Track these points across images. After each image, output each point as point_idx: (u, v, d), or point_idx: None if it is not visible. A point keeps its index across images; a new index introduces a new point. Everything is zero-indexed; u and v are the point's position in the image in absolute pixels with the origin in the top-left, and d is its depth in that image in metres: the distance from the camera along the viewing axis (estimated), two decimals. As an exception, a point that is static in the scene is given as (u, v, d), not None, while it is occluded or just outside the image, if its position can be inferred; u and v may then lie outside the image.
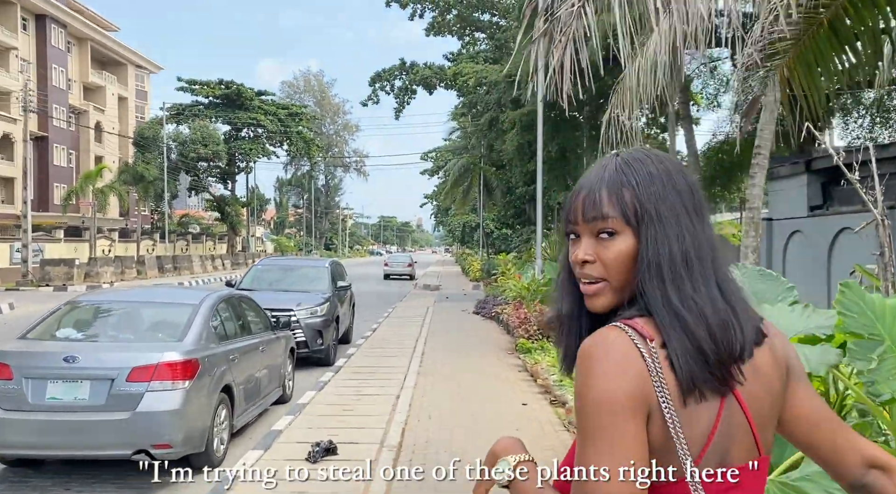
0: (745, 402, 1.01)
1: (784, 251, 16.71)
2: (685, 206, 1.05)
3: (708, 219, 1.08)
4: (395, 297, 22.75)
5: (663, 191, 1.04)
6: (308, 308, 9.94)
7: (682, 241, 1.02)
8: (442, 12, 36.04)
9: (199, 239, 57.74)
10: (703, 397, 0.97)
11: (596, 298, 1.06)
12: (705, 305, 1.00)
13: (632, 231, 1.04)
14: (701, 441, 0.98)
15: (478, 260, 36.48)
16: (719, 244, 1.08)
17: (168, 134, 50.60)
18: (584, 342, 1.00)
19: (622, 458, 0.93)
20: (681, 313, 0.99)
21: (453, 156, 46.58)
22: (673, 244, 1.02)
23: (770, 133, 11.74)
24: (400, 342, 11.48)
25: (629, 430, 0.94)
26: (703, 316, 0.99)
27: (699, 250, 1.03)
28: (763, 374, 1.05)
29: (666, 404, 0.95)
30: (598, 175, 1.08)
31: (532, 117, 20.32)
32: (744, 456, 1.02)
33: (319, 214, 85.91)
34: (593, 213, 1.05)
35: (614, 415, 0.94)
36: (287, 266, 11.49)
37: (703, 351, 0.97)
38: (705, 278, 1.02)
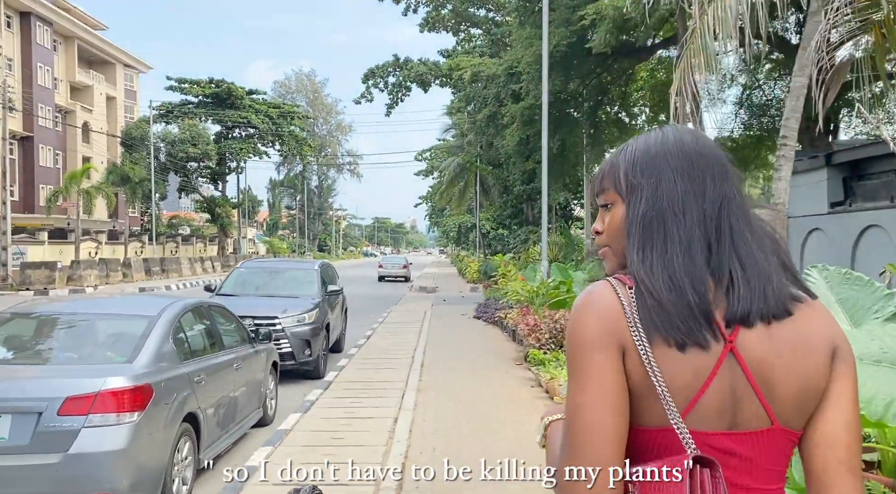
0: (747, 366, 1.03)
1: (802, 250, 15.80)
2: (674, 171, 1.09)
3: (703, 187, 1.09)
4: (390, 300, 21.79)
5: (653, 161, 1.11)
6: (295, 315, 8.98)
7: (657, 205, 1.08)
8: (436, 7, 35.07)
9: (189, 240, 56.59)
10: (680, 345, 1.01)
11: (606, 262, 1.18)
12: (661, 263, 1.05)
13: (622, 202, 1.13)
14: (688, 392, 1.01)
15: (475, 262, 35.52)
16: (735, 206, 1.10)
17: (156, 133, 49.47)
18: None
19: (595, 389, 0.99)
20: (638, 269, 1.06)
21: (448, 155, 45.66)
22: (644, 206, 1.09)
23: (796, 122, 10.80)
24: (396, 351, 10.52)
25: (597, 362, 1.00)
26: (655, 273, 1.04)
27: (679, 213, 1.07)
28: (785, 347, 1.04)
29: (639, 340, 1.01)
30: (608, 157, 1.21)
31: (533, 111, 19.40)
32: (752, 423, 1.03)
33: (312, 215, 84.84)
34: (597, 189, 1.19)
35: (584, 351, 1.02)
36: (272, 269, 10.50)
37: (661, 302, 1.02)
38: (678, 241, 1.06)
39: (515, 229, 39.51)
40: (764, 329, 1.04)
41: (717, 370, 1.01)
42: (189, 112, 49.80)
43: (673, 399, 1.00)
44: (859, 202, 13.51)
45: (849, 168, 13.86)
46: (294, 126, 53.98)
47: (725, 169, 1.12)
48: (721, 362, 1.02)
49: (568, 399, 1.02)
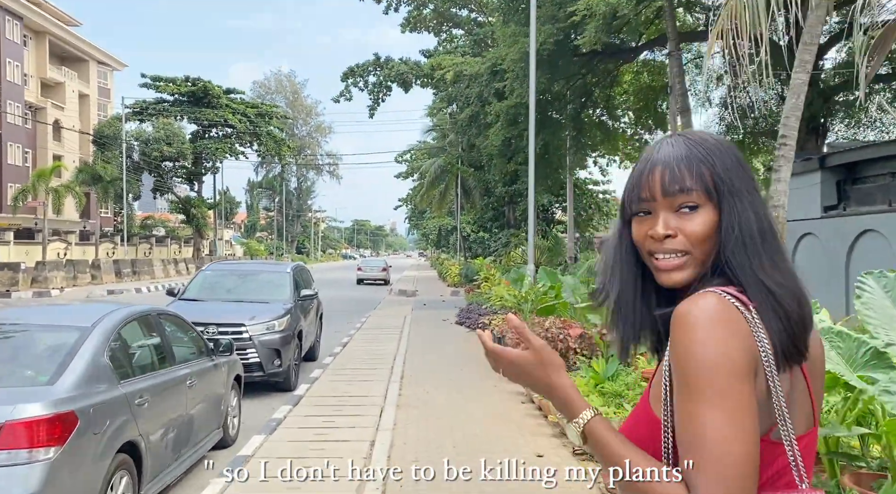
0: (807, 373, 1.05)
1: (793, 255, 15.36)
2: (752, 181, 1.08)
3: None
4: (369, 304, 21.06)
5: (734, 166, 1.07)
6: (263, 322, 8.25)
7: (759, 213, 1.05)
8: (418, 6, 34.45)
9: (163, 242, 55.27)
10: (790, 364, 1.01)
11: (677, 272, 1.07)
12: (787, 278, 1.03)
13: (712, 204, 1.05)
14: (777, 402, 1.00)
15: (456, 265, 34.89)
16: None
17: (130, 132, 48.19)
18: (680, 307, 1.00)
19: (744, 420, 0.94)
20: (769, 285, 1.01)
21: (429, 157, 45.01)
22: (751, 216, 1.04)
23: (796, 120, 10.27)
24: (374, 360, 9.82)
25: (746, 392, 0.95)
26: (787, 289, 1.02)
27: (771, 224, 1.06)
28: (816, 348, 1.08)
29: (769, 366, 0.98)
30: (670, 152, 1.09)
31: (518, 110, 18.82)
32: (804, 424, 1.04)
33: (291, 217, 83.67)
34: (675, 187, 1.06)
35: (733, 378, 0.94)
36: (241, 271, 9.73)
37: (791, 323, 1.00)
38: (781, 251, 1.06)
39: (496, 232, 38.93)
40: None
41: (792, 379, 1.02)
42: (164, 110, 48.57)
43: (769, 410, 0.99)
44: (854, 206, 13.09)
45: (843, 171, 13.43)
46: (272, 126, 52.95)
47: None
48: (792, 373, 1.02)
49: (707, 428, 0.94)
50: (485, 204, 38.89)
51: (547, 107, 21.14)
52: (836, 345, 3.60)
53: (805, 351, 1.01)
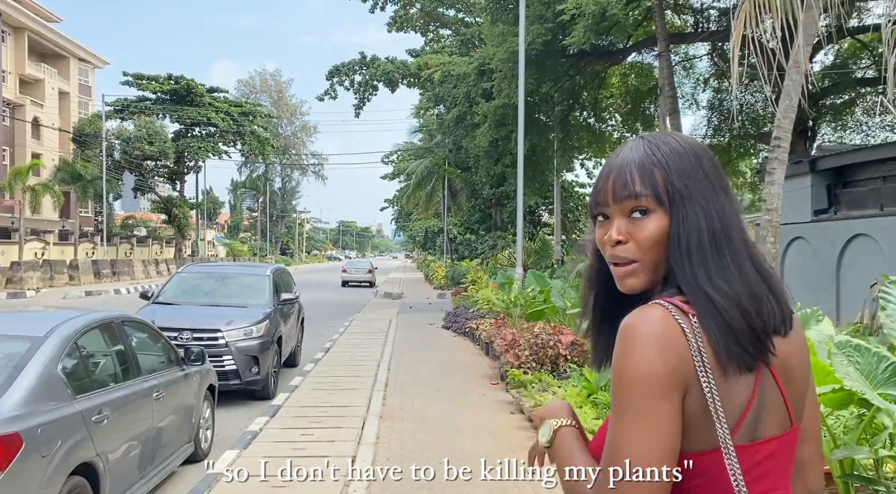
0: (778, 376, 1.04)
1: (782, 259, 15.19)
2: (713, 184, 1.05)
3: (734, 198, 1.07)
4: (353, 307, 20.68)
5: (692, 170, 1.05)
6: (241, 327, 7.88)
7: (712, 219, 1.03)
8: (405, 5, 34.12)
9: (144, 242, 54.42)
10: (740, 370, 0.99)
11: (628, 279, 1.07)
12: (734, 281, 1.01)
13: (663, 210, 1.04)
14: (738, 413, 0.99)
15: (442, 267, 34.57)
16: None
17: (111, 130, 47.40)
18: (625, 319, 1.00)
19: (657, 435, 0.94)
20: (708, 290, 0.99)
21: (415, 158, 44.65)
22: (702, 221, 1.02)
23: (790, 122, 10.06)
24: (357, 367, 9.47)
25: (664, 408, 0.94)
26: (731, 293, 0.99)
27: (729, 227, 1.03)
28: (796, 352, 1.07)
29: (706, 378, 0.96)
30: (626, 156, 1.08)
31: (506, 111, 18.55)
32: (777, 428, 1.03)
33: (275, 218, 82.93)
34: (625, 193, 1.05)
35: (650, 393, 0.94)
36: (219, 274, 9.33)
37: (733, 328, 0.98)
38: (736, 254, 1.02)
39: (483, 234, 38.65)
40: (783, 337, 1.04)
41: (758, 384, 1.01)
42: (146, 109, 47.82)
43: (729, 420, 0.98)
44: (845, 210, 12.95)
45: (834, 174, 13.29)
46: (256, 125, 52.34)
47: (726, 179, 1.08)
48: (759, 377, 1.01)
49: (620, 441, 0.95)
50: (472, 205, 38.64)
51: (534, 108, 20.91)
52: (855, 360, 3.34)
53: (763, 352, 1.00)
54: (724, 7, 21.04)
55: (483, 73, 19.86)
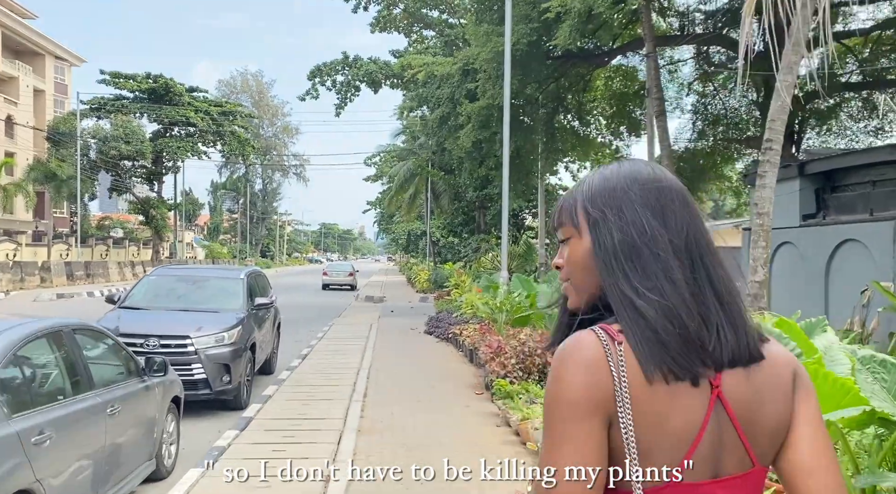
0: (732, 410, 1.00)
1: (770, 266, 15.00)
2: (634, 203, 1.06)
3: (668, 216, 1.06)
4: (333, 311, 20.23)
5: (612, 193, 1.07)
6: (212, 334, 7.45)
7: (624, 233, 1.04)
8: (388, 5, 33.76)
9: (121, 244, 53.44)
10: (668, 381, 0.97)
11: (569, 297, 1.13)
12: (659, 288, 1.00)
13: (586, 234, 1.09)
14: (682, 445, 0.97)
15: (425, 270, 34.19)
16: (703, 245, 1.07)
17: (87, 129, 46.45)
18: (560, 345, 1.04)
19: (572, 459, 0.95)
20: (630, 295, 1.00)
21: (398, 161, 44.25)
22: (613, 238, 1.04)
23: (782, 124, 9.83)
24: (336, 375, 9.07)
25: (581, 432, 0.96)
26: (654, 298, 0.99)
27: (651, 243, 1.03)
28: (761, 387, 1.03)
29: (623, 409, 0.95)
30: (569, 190, 1.19)
31: (490, 112, 18.24)
32: (735, 466, 1.01)
33: (256, 220, 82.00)
34: (554, 224, 1.16)
35: (569, 416, 0.96)
36: (190, 277, 8.87)
37: (657, 332, 0.97)
38: (658, 270, 1.02)
39: (466, 237, 38.31)
40: (743, 371, 1.02)
41: (708, 419, 0.98)
42: (123, 108, 46.91)
43: (667, 455, 0.96)
44: (834, 215, 12.77)
45: (822, 178, 13.11)
46: (236, 126, 51.59)
47: (687, 201, 1.08)
48: (710, 410, 0.99)
49: (543, 461, 0.98)
50: (455, 208, 38.31)
51: (518, 110, 20.63)
52: (880, 377, 3.04)
53: (688, 364, 0.97)
54: (710, 10, 20.98)
55: (467, 74, 19.55)
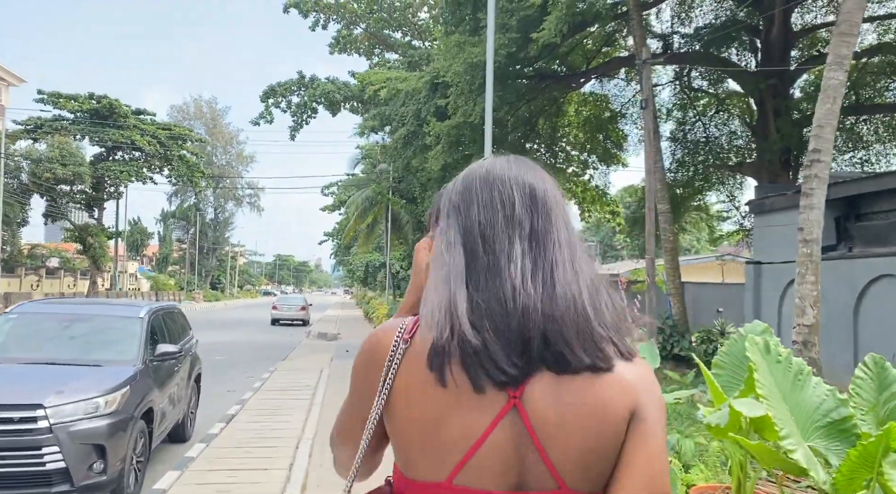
0: (530, 422, 0.94)
1: (780, 305, 13.25)
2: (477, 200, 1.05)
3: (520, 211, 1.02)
4: (280, 351, 17.79)
5: (462, 188, 1.07)
6: (80, 400, 5.14)
7: (456, 233, 1.04)
8: (348, 24, 32.02)
9: (55, 274, 49.60)
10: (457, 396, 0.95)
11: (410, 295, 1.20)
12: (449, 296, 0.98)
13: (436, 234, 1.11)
14: (462, 445, 0.95)
15: (383, 304, 31.83)
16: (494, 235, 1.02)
17: (20, 150, 43.09)
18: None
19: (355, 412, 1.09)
20: (423, 302, 1.01)
21: (357, 190, 42.10)
22: (444, 238, 1.05)
23: (832, 131, 7.97)
24: (268, 448, 6.78)
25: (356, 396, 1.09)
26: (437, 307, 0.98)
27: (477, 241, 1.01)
28: (574, 403, 0.95)
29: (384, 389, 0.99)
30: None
31: (461, 131, 16.36)
32: (539, 483, 0.96)
33: (206, 250, 78.39)
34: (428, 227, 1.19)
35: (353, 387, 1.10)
36: (68, 315, 6.46)
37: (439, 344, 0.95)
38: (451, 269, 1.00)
39: (427, 270, 36.18)
40: (555, 382, 0.95)
41: (497, 423, 0.94)
42: (62, 128, 43.75)
43: (445, 452, 0.95)
44: (861, 246, 11.16)
45: (844, 205, 11.52)
46: (185, 150, 48.79)
47: (537, 198, 1.04)
48: (502, 415, 0.94)
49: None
50: (417, 238, 36.24)
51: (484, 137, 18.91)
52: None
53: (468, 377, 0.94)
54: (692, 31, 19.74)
55: (436, 89, 17.70)
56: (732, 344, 5.00)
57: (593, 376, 0.95)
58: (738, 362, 4.89)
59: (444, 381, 0.93)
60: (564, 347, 0.94)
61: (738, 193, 22.79)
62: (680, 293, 13.89)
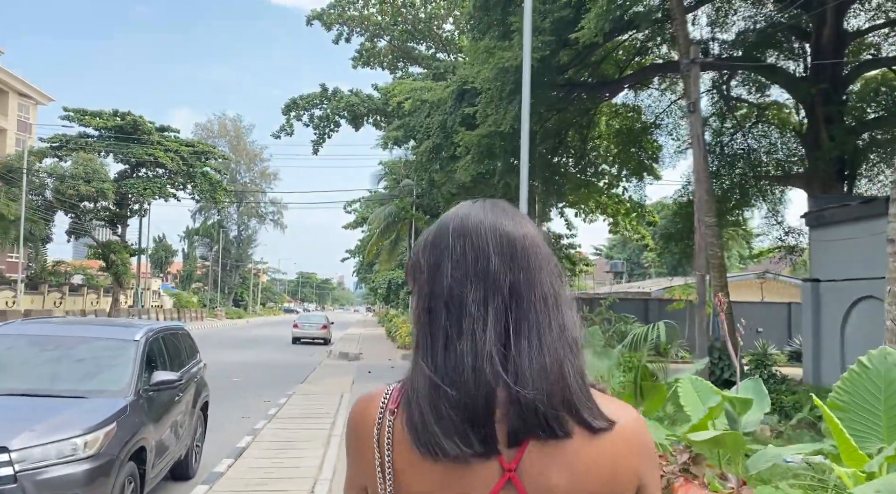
0: (524, 490, 0.91)
1: (842, 326, 12.11)
2: (449, 254, 0.98)
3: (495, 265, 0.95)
4: (299, 372, 16.96)
5: (433, 241, 1.01)
6: (55, 441, 4.32)
7: (428, 292, 0.98)
8: (372, 37, 31.55)
9: (79, 291, 49.54)
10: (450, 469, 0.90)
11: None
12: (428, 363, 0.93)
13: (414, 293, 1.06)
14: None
15: (407, 323, 30.91)
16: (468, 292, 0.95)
17: (45, 167, 43.26)
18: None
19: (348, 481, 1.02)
20: (412, 368, 0.97)
21: (379, 206, 41.47)
22: (418, 297, 0.99)
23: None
24: (283, 485, 5.90)
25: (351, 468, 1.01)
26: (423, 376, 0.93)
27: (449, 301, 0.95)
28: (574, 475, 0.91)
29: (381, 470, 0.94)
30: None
31: (492, 141, 15.51)
32: None
33: (229, 268, 78.32)
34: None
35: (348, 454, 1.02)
36: (53, 337, 5.67)
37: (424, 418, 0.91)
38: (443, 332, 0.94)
39: (451, 287, 35.26)
40: (550, 451, 0.92)
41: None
42: (86, 145, 43.84)
43: None
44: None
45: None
46: (209, 167, 48.66)
47: (516, 249, 0.97)
48: (497, 490, 0.91)
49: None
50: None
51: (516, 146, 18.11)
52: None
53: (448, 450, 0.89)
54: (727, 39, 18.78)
55: (463, 97, 16.92)
56: (854, 379, 3.98)
57: (587, 441, 0.92)
58: (866, 403, 3.87)
59: (434, 456, 0.89)
60: (551, 415, 0.90)
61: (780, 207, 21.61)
62: (730, 312, 12.82)
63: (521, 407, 0.89)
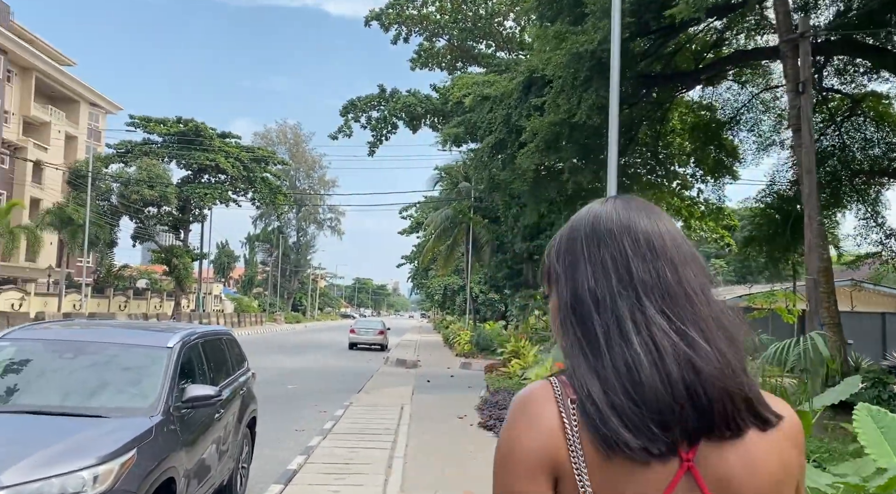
0: (707, 488, 0.89)
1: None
2: (583, 258, 0.98)
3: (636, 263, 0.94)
4: (356, 380, 16.14)
5: (567, 246, 1.01)
6: (56, 475, 3.44)
7: (574, 291, 0.96)
8: (431, 37, 30.75)
9: (142, 295, 50.49)
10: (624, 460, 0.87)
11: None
12: (598, 361, 0.91)
13: (553, 292, 1.03)
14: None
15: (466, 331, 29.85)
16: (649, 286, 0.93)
17: (111, 173, 44.21)
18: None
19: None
20: (572, 371, 0.93)
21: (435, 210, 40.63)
22: (565, 296, 0.97)
23: None
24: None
25: (526, 489, 0.89)
26: (594, 374, 0.90)
27: (596, 299, 0.94)
28: (748, 467, 0.90)
29: (577, 465, 0.88)
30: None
31: (561, 130, 14.35)
32: None
33: (289, 273, 79.05)
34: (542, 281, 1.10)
35: (514, 471, 0.90)
36: (75, 344, 4.86)
37: (602, 415, 0.88)
38: (601, 332, 0.92)
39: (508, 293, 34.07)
40: (724, 444, 0.90)
41: (672, 487, 0.89)
42: (150, 151, 44.63)
43: None
44: None
45: None
46: (268, 172, 48.89)
47: (655, 248, 0.95)
48: (676, 483, 0.88)
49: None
50: (498, 261, 34.15)
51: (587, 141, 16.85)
52: None
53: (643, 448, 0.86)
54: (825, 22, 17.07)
55: (530, 88, 15.81)
56: None
57: (759, 435, 0.91)
58: None
59: (615, 451, 0.86)
60: (732, 410, 0.89)
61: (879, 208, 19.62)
62: (837, 323, 11.28)
63: (704, 402, 0.87)
